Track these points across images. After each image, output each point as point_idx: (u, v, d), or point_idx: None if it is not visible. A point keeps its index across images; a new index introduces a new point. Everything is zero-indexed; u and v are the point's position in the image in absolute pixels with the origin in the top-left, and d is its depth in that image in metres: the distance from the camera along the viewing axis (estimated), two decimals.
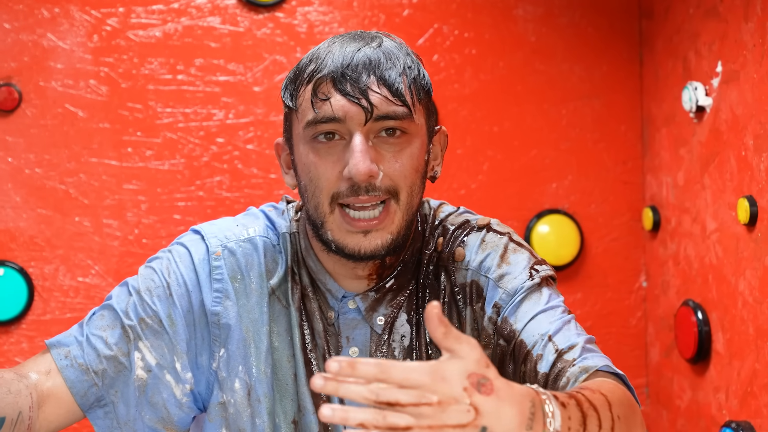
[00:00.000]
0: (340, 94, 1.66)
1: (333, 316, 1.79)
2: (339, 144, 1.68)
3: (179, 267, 1.79)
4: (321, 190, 1.70)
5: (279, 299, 1.80)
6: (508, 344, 1.74)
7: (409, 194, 1.70)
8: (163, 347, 1.76)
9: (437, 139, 1.82)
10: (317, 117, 1.68)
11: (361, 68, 1.67)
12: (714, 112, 2.53)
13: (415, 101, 1.70)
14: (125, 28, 2.79)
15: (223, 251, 1.80)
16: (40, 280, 2.76)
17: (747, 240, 2.35)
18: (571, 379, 1.66)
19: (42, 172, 2.75)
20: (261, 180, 2.83)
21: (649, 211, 2.91)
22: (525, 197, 2.95)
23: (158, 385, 1.76)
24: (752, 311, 2.34)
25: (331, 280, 1.79)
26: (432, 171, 1.81)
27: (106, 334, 1.75)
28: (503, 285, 1.77)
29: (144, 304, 1.76)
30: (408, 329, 1.79)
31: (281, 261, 1.82)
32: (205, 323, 1.78)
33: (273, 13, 2.85)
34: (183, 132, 2.81)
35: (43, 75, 2.75)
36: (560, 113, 2.96)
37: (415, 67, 1.73)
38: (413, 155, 1.70)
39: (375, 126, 1.67)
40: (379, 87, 1.67)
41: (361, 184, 1.66)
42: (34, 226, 2.75)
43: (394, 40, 1.75)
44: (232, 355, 1.77)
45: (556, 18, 2.95)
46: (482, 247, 1.82)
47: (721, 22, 2.48)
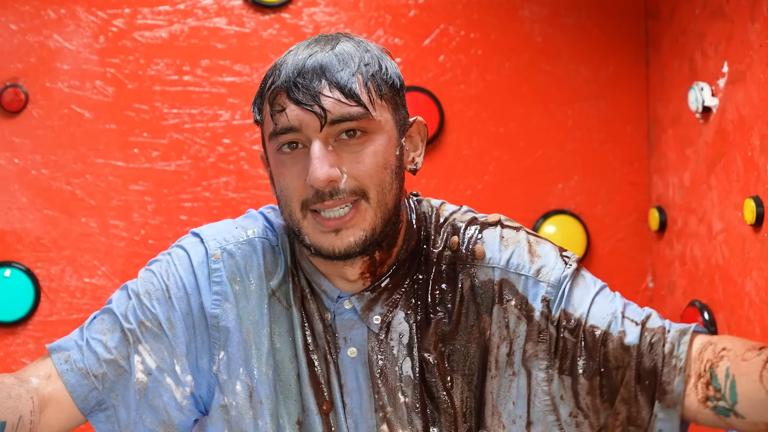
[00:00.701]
0: (294, 103, 1.67)
1: (330, 317, 1.79)
2: (302, 152, 1.69)
3: (178, 270, 1.79)
4: (291, 199, 1.71)
5: (280, 300, 1.80)
6: (574, 335, 1.74)
7: (380, 192, 1.70)
8: (163, 350, 1.76)
9: (414, 131, 1.80)
10: (276, 129, 1.69)
11: (311, 74, 1.67)
12: (720, 112, 2.52)
13: (374, 98, 1.70)
14: (131, 29, 2.79)
15: (222, 253, 1.80)
16: (46, 281, 2.76)
17: (753, 240, 2.35)
18: (675, 344, 1.70)
19: (48, 173, 2.76)
20: (267, 181, 2.83)
21: (655, 212, 2.91)
22: (531, 198, 2.95)
23: (159, 388, 1.76)
24: (759, 312, 2.34)
25: (326, 281, 1.79)
26: (412, 163, 1.80)
27: (105, 338, 1.75)
28: (544, 278, 1.78)
29: (143, 308, 1.77)
30: (406, 327, 1.79)
31: (281, 262, 1.82)
32: (205, 326, 1.78)
33: (279, 14, 2.85)
34: (189, 133, 2.81)
35: (49, 76, 2.75)
36: (566, 114, 2.96)
37: (375, 62, 1.72)
38: (377, 153, 1.70)
39: (333, 130, 1.67)
40: (331, 90, 1.66)
41: (323, 190, 1.66)
42: (40, 227, 2.76)
43: (353, 39, 1.75)
44: (232, 357, 1.77)
45: (562, 18, 2.95)
46: (503, 243, 1.82)
47: (727, 22, 2.48)
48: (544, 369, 1.76)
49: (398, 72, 1.76)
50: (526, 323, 1.77)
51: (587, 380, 1.73)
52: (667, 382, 1.70)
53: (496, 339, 1.78)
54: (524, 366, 1.76)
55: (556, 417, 1.76)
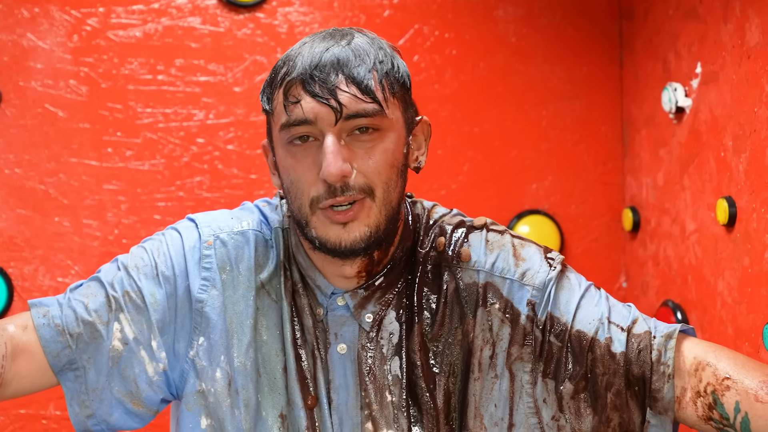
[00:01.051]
0: (310, 95, 1.67)
1: (321, 312, 1.80)
2: (313, 145, 1.70)
3: (170, 250, 1.82)
4: (302, 192, 1.71)
5: (269, 293, 1.81)
6: (560, 340, 1.76)
7: (386, 190, 1.71)
8: (143, 323, 1.78)
9: (419, 130, 1.82)
10: (290, 120, 1.69)
11: (329, 68, 1.68)
12: (693, 113, 2.53)
13: (388, 96, 1.71)
14: (105, 28, 2.78)
15: (215, 241, 1.82)
16: (19, 280, 2.75)
17: (726, 241, 2.36)
18: (661, 350, 1.72)
19: (21, 172, 2.74)
20: (241, 180, 2.83)
21: (628, 212, 2.92)
22: (505, 198, 2.96)
23: (132, 359, 1.78)
24: (731, 311, 2.34)
25: (321, 277, 1.80)
26: (416, 162, 1.82)
27: (87, 300, 1.78)
28: (529, 281, 1.79)
29: (130, 279, 1.79)
30: (397, 327, 1.80)
31: (273, 256, 1.83)
32: (188, 309, 1.80)
33: (253, 14, 2.84)
34: (163, 132, 2.80)
35: (22, 75, 2.74)
36: (541, 114, 2.97)
37: (388, 60, 1.73)
38: (387, 150, 1.71)
39: (346, 125, 1.68)
40: (348, 85, 1.67)
41: (335, 184, 1.67)
42: (13, 227, 2.74)
43: (366, 35, 1.76)
44: (214, 344, 1.79)
45: (536, 19, 2.96)
46: (488, 247, 1.83)
47: (700, 23, 2.49)
48: (529, 372, 1.77)
49: (407, 71, 1.78)
50: (510, 326, 1.78)
51: (572, 385, 1.75)
52: (657, 390, 1.72)
53: (479, 342, 1.79)
54: (508, 369, 1.78)
55: (539, 420, 1.77)
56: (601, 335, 1.74)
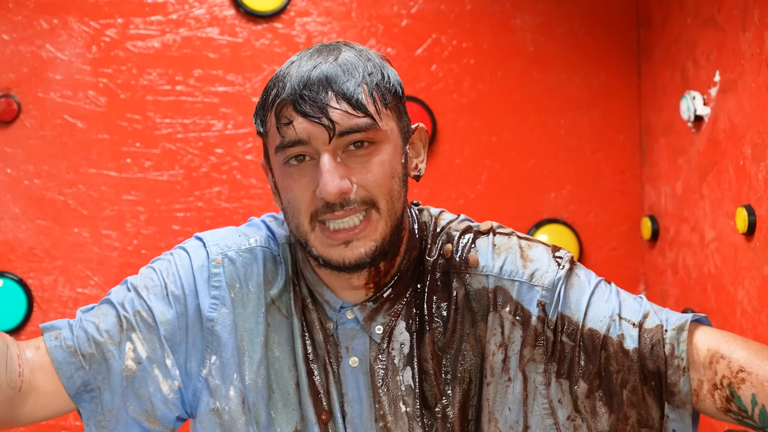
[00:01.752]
0: (301, 116, 1.67)
1: (332, 326, 1.79)
2: (310, 164, 1.70)
3: (178, 270, 1.81)
4: (299, 211, 1.71)
5: (279, 309, 1.81)
6: (572, 339, 1.75)
7: (389, 201, 1.71)
8: (155, 341, 1.78)
9: (416, 137, 1.82)
10: (284, 142, 1.69)
11: (317, 86, 1.67)
12: (712, 121, 2.53)
13: (380, 107, 1.70)
14: (124, 39, 2.79)
15: (223, 259, 1.81)
16: (39, 291, 2.76)
17: (745, 249, 2.35)
18: (674, 344, 1.71)
19: (41, 183, 2.75)
20: (260, 190, 2.83)
21: (647, 221, 2.91)
22: (524, 207, 2.96)
23: (146, 378, 1.77)
24: (751, 320, 2.34)
25: (329, 292, 1.79)
26: (415, 170, 1.81)
27: (98, 321, 1.78)
28: (538, 282, 1.78)
29: (141, 299, 1.79)
30: (407, 337, 1.79)
31: (282, 271, 1.83)
32: (199, 328, 1.79)
33: (271, 24, 2.85)
34: (182, 143, 2.81)
35: (41, 86, 2.75)
36: (558, 123, 2.96)
37: (377, 71, 1.72)
38: (384, 162, 1.71)
39: (341, 141, 1.67)
40: (338, 102, 1.67)
41: (334, 202, 1.67)
42: (33, 237, 2.75)
43: (353, 48, 1.75)
44: (226, 363, 1.79)
45: (554, 28, 2.95)
46: (496, 251, 1.82)
47: (718, 31, 2.48)
48: (542, 373, 1.77)
49: (399, 79, 1.77)
50: (522, 328, 1.77)
51: (586, 383, 1.74)
52: (673, 384, 1.71)
53: (492, 346, 1.78)
54: (521, 371, 1.77)
55: (554, 420, 1.77)
56: (613, 332, 1.74)
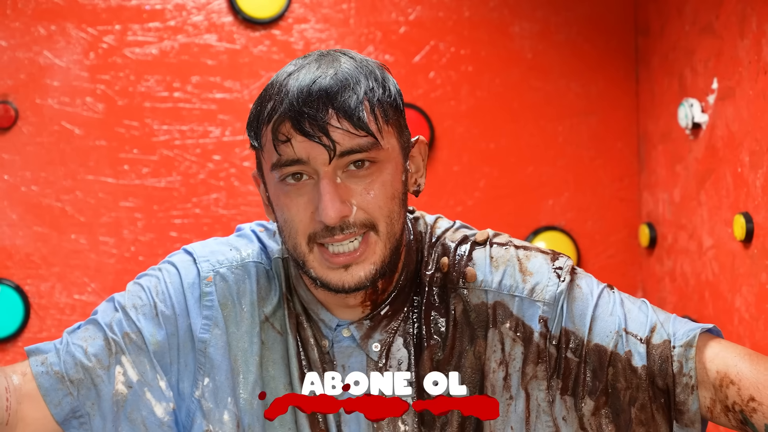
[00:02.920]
0: (300, 134, 1.59)
1: (327, 344, 1.74)
2: (308, 184, 1.63)
3: (168, 288, 1.76)
4: (297, 231, 1.65)
5: (273, 326, 1.76)
6: (577, 355, 1.71)
7: (389, 223, 1.66)
8: (146, 364, 1.72)
9: (416, 151, 1.75)
10: (281, 160, 1.62)
11: (317, 103, 1.59)
12: (710, 128, 2.53)
13: (382, 125, 1.64)
14: (122, 45, 2.79)
15: (215, 276, 1.76)
16: (36, 297, 2.75)
17: (743, 256, 2.35)
18: (682, 361, 1.67)
19: (38, 189, 2.75)
20: (257, 197, 2.83)
21: (645, 228, 2.91)
22: (521, 214, 2.95)
23: (138, 402, 1.72)
24: (749, 328, 2.33)
25: (324, 310, 1.74)
26: (415, 185, 1.76)
27: (86, 345, 1.72)
28: (539, 297, 1.73)
29: (129, 320, 1.73)
30: (405, 354, 1.74)
31: (275, 287, 1.78)
32: (191, 348, 1.74)
33: (269, 31, 2.85)
34: (179, 149, 2.81)
35: (39, 92, 2.75)
36: (557, 130, 2.96)
37: (379, 85, 1.65)
38: (386, 183, 1.65)
39: (341, 162, 1.61)
40: (339, 120, 1.59)
41: (333, 226, 1.62)
42: (30, 244, 2.75)
43: (354, 58, 1.67)
44: (220, 386, 1.74)
45: (552, 35, 2.95)
46: (493, 264, 1.77)
47: (716, 38, 2.48)
48: (545, 390, 1.72)
49: (399, 90, 1.70)
50: (523, 345, 1.73)
51: (593, 400, 1.70)
52: (681, 402, 1.68)
53: (492, 363, 1.74)
54: (524, 389, 1.73)
55: None
56: (621, 348, 1.69)
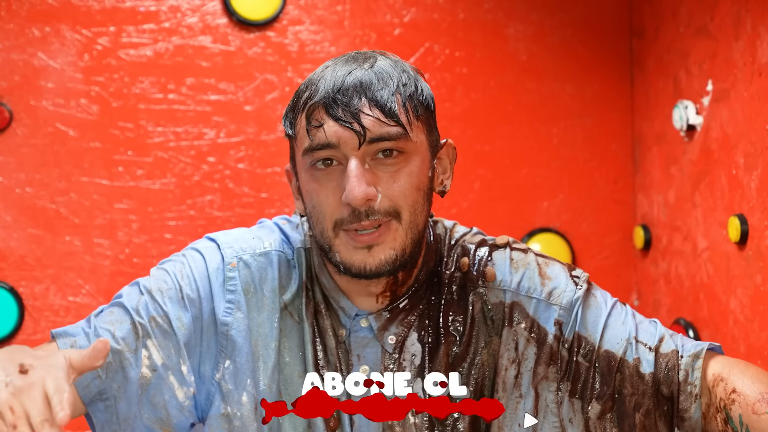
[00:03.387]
0: (333, 119, 1.66)
1: (344, 333, 1.79)
2: (337, 169, 1.69)
3: (193, 272, 1.79)
4: (324, 216, 1.70)
5: (291, 314, 1.80)
6: (587, 360, 1.76)
7: (412, 213, 1.70)
8: (171, 348, 1.75)
9: (444, 153, 1.81)
10: (312, 144, 1.68)
11: (351, 91, 1.67)
12: (705, 130, 2.53)
13: (412, 119, 1.70)
14: (116, 47, 2.78)
15: (239, 263, 1.80)
16: (30, 299, 2.75)
17: (738, 258, 2.35)
18: (688, 370, 1.73)
19: (32, 191, 2.75)
20: (252, 199, 2.82)
21: (640, 230, 2.91)
22: (516, 216, 2.95)
23: (161, 385, 1.75)
24: (743, 329, 2.34)
25: (345, 299, 1.79)
26: (441, 185, 1.81)
27: (114, 328, 1.74)
28: (556, 301, 1.79)
29: (155, 304, 1.76)
30: (419, 348, 1.78)
31: (295, 276, 1.82)
32: (214, 332, 1.78)
33: (264, 33, 2.85)
34: (174, 151, 2.80)
35: (33, 94, 2.74)
36: (551, 132, 2.96)
37: (412, 83, 1.72)
38: (412, 173, 1.70)
39: (370, 148, 1.67)
40: (371, 109, 1.66)
41: (359, 208, 1.66)
42: (24, 246, 2.75)
43: (389, 58, 1.75)
44: (240, 368, 1.77)
45: (547, 37, 2.95)
46: (513, 266, 1.83)
47: (711, 40, 2.48)
48: (554, 391, 1.77)
49: (431, 93, 1.76)
50: (537, 346, 1.78)
51: (600, 405, 1.74)
52: (684, 410, 1.72)
53: (505, 361, 1.78)
54: (534, 388, 1.77)
55: None
56: (630, 355, 1.75)
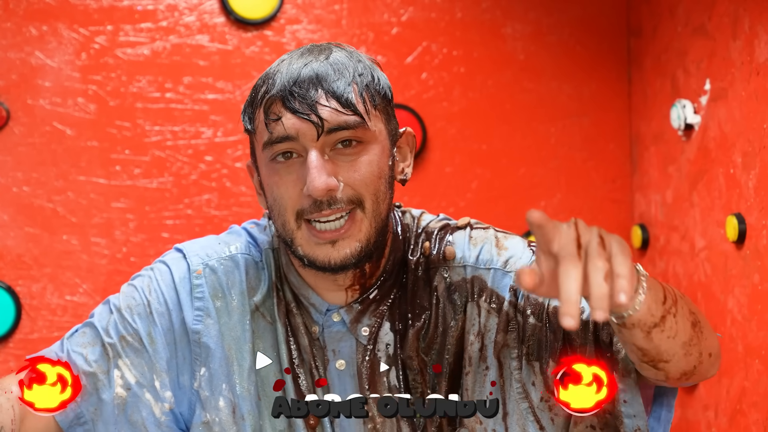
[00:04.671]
0: (290, 112, 1.67)
1: (317, 330, 1.79)
2: (297, 162, 1.69)
3: (160, 285, 1.80)
4: (285, 208, 1.70)
5: (263, 315, 1.80)
6: (538, 319, 1.75)
7: (375, 201, 1.71)
8: (143, 365, 1.76)
9: (403, 141, 1.81)
10: (272, 138, 1.69)
11: (308, 83, 1.68)
12: (702, 129, 2.53)
13: (369, 108, 1.71)
14: (113, 46, 2.78)
15: (204, 269, 1.81)
16: (27, 298, 2.74)
17: (736, 258, 2.35)
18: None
19: (30, 190, 2.74)
20: (249, 198, 2.82)
21: (637, 229, 2.91)
22: (514, 215, 2.95)
23: (138, 403, 1.75)
24: (741, 329, 2.34)
25: (314, 294, 1.79)
26: (402, 174, 1.81)
27: (86, 351, 1.75)
28: (511, 268, 1.78)
29: (125, 322, 1.77)
30: (392, 337, 1.79)
31: (264, 277, 1.82)
32: (187, 341, 1.78)
33: (261, 32, 2.84)
34: (171, 150, 2.80)
35: (31, 93, 2.74)
36: (549, 131, 2.96)
37: (368, 73, 1.73)
38: (372, 162, 1.70)
39: (329, 139, 1.67)
40: (328, 99, 1.67)
41: (321, 199, 1.66)
42: (21, 245, 2.74)
43: (344, 49, 1.75)
44: (214, 373, 1.77)
45: (544, 36, 2.95)
46: (472, 242, 1.83)
47: (709, 40, 2.49)
48: (516, 357, 1.76)
49: (388, 83, 1.77)
50: (497, 315, 1.78)
51: (554, 362, 1.74)
52: (617, 351, 1.71)
53: (471, 336, 1.78)
54: (496, 357, 1.77)
55: (529, 404, 1.76)
56: None
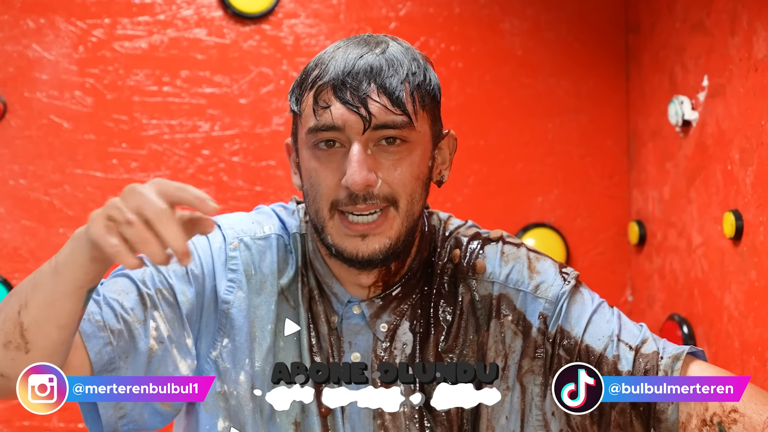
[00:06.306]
0: (340, 102, 1.66)
1: (336, 320, 1.79)
2: (339, 152, 1.69)
3: (197, 250, 1.79)
4: (321, 196, 1.70)
5: (287, 299, 1.80)
6: (569, 354, 1.75)
7: (409, 202, 1.71)
8: (175, 321, 1.74)
9: (445, 143, 1.81)
10: (318, 124, 1.68)
11: (361, 76, 1.67)
12: (700, 126, 2.53)
13: (418, 108, 1.70)
14: (111, 39, 2.78)
15: (240, 244, 1.81)
16: None
17: (733, 254, 2.35)
18: (667, 371, 1.71)
19: (26, 183, 2.74)
20: (246, 192, 2.82)
21: (634, 225, 2.91)
22: (511, 211, 2.95)
23: (166, 358, 1.73)
24: (738, 325, 2.34)
25: (338, 284, 1.79)
26: (439, 175, 1.80)
27: (122, 299, 1.71)
28: (542, 294, 1.79)
29: (161, 276, 1.75)
30: (410, 338, 1.79)
31: (292, 261, 1.82)
32: (214, 309, 1.78)
33: (259, 26, 2.84)
34: (168, 144, 2.80)
35: (28, 86, 2.74)
36: (546, 127, 2.96)
37: (421, 72, 1.72)
38: (413, 163, 1.70)
39: (374, 135, 1.67)
40: (379, 95, 1.66)
41: (358, 193, 1.66)
42: (18, 238, 2.74)
43: (401, 44, 1.75)
44: (239, 347, 1.77)
45: (542, 32, 2.95)
46: (503, 259, 1.83)
47: (707, 36, 2.48)
48: (540, 385, 1.77)
49: (439, 83, 1.77)
50: (522, 339, 1.78)
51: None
52: (661, 411, 1.71)
53: (492, 353, 1.78)
54: (519, 381, 1.77)
55: None
56: (610, 352, 1.74)
